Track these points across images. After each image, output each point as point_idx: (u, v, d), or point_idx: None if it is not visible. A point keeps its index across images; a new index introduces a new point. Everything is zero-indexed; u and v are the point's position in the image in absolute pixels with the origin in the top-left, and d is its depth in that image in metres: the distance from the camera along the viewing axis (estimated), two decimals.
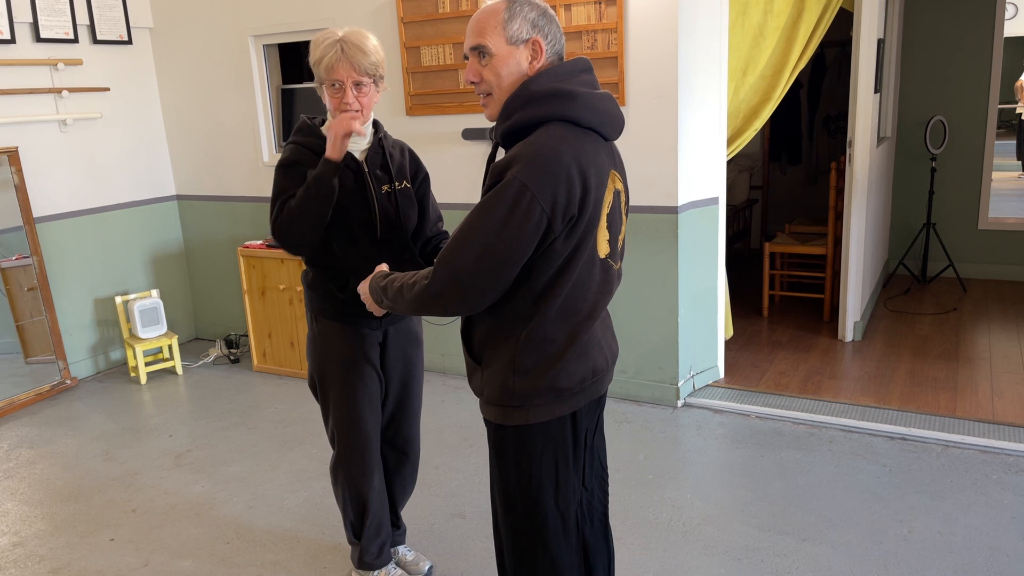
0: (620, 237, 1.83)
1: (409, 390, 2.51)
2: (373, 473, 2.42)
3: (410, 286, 1.71)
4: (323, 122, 2.27)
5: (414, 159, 2.41)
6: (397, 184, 2.29)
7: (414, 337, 2.49)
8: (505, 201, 1.57)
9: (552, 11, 1.74)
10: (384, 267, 2.00)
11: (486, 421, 1.83)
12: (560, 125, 1.63)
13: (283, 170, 2.21)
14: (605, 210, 1.71)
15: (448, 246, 1.64)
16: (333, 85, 2.11)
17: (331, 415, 2.39)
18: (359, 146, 2.25)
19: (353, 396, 2.35)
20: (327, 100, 2.16)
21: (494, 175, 1.62)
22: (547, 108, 1.64)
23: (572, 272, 1.66)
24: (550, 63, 1.71)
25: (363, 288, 1.94)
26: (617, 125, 1.75)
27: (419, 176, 2.39)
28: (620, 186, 1.78)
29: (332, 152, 2.11)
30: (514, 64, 1.68)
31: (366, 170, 2.24)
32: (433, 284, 1.65)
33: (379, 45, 2.19)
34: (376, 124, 2.30)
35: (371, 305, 1.92)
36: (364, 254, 2.23)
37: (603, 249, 1.73)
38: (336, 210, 2.19)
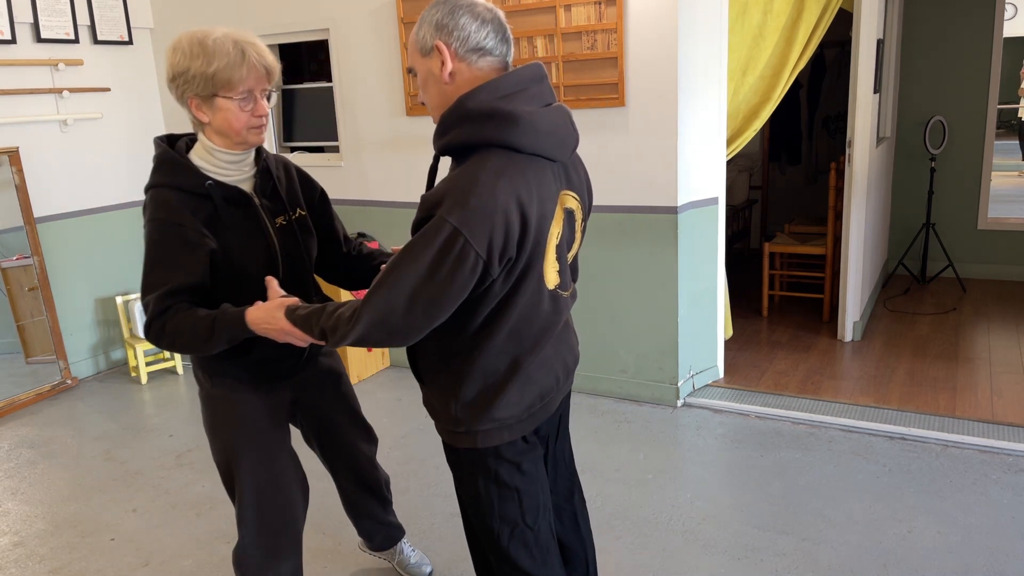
0: (571, 255, 1.71)
1: (353, 423, 2.33)
2: (285, 559, 2.07)
3: (332, 329, 1.55)
4: (189, 145, 1.92)
5: (303, 178, 2.07)
6: (292, 214, 1.96)
7: (334, 373, 2.24)
8: (436, 246, 1.42)
9: (468, 1, 1.54)
10: (276, 291, 1.78)
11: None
12: (499, 153, 1.47)
13: (156, 233, 1.76)
14: (553, 241, 1.59)
15: (375, 288, 1.49)
16: (243, 97, 1.79)
17: (245, 488, 2.01)
18: (245, 174, 1.90)
19: (272, 463, 2.03)
20: (218, 117, 1.81)
21: (424, 208, 1.47)
22: (484, 132, 1.48)
23: (513, 308, 1.57)
24: (482, 70, 1.54)
25: (272, 320, 1.70)
26: (567, 146, 1.61)
27: (315, 197, 2.08)
28: (574, 204, 1.66)
29: (259, 325, 1.70)
30: (431, 76, 1.57)
31: (257, 203, 1.89)
32: (359, 328, 1.49)
33: None
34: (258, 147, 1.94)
35: (287, 336, 1.70)
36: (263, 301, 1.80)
37: (552, 280, 1.62)
38: (227, 256, 1.82)
